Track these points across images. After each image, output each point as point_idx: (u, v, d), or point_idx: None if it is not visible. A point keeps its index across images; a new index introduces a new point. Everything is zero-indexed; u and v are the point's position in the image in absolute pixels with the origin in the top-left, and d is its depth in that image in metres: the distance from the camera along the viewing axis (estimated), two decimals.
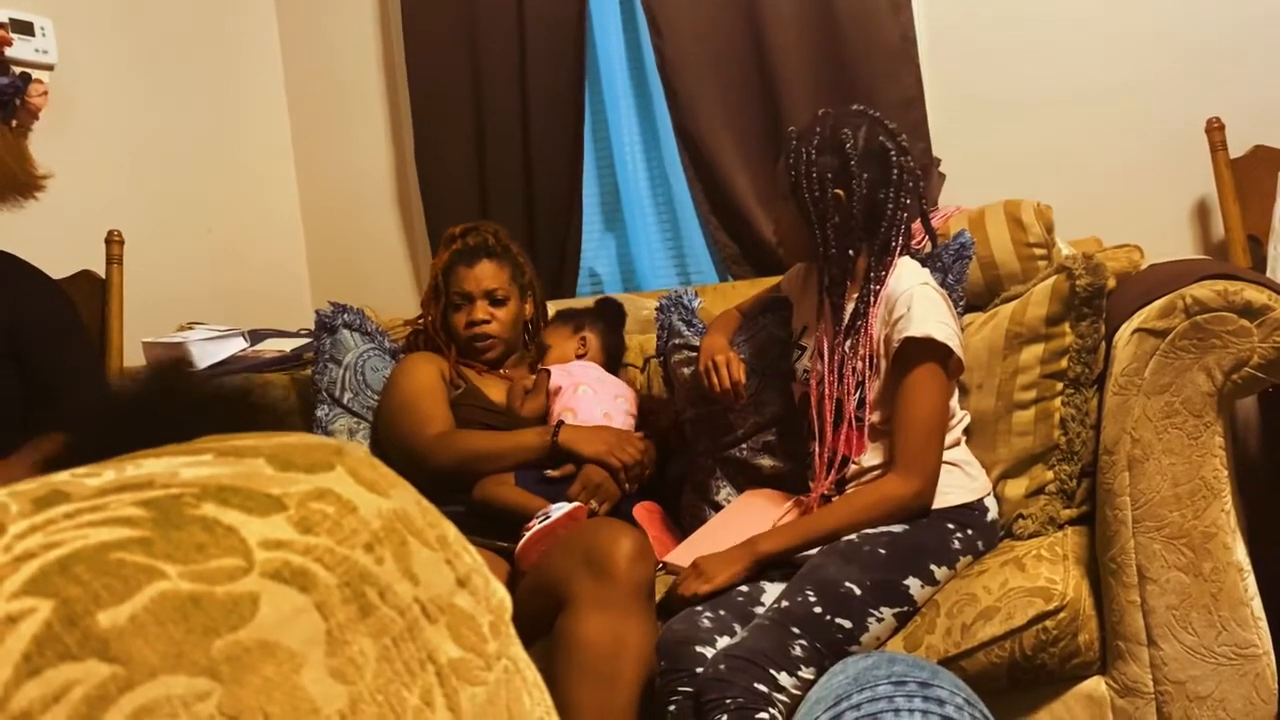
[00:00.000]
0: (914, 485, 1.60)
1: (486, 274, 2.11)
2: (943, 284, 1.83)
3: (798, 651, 1.43)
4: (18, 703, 0.28)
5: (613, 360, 2.24)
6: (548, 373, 2.11)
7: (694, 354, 2.04)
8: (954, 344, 1.62)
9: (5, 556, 0.30)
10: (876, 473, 1.67)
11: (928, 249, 1.90)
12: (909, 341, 1.61)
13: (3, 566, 0.30)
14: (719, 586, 1.59)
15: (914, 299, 1.63)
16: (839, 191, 1.67)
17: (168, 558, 0.33)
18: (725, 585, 1.60)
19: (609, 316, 2.28)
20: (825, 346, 1.75)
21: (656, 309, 2.17)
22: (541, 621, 1.57)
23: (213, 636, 0.33)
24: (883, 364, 1.67)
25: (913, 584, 1.55)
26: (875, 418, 1.68)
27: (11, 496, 0.34)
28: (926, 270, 1.73)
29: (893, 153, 1.68)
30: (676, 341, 2.08)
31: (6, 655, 0.28)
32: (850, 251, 1.70)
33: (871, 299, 1.68)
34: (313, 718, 0.34)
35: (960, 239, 1.94)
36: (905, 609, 1.55)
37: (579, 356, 2.18)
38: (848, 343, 1.70)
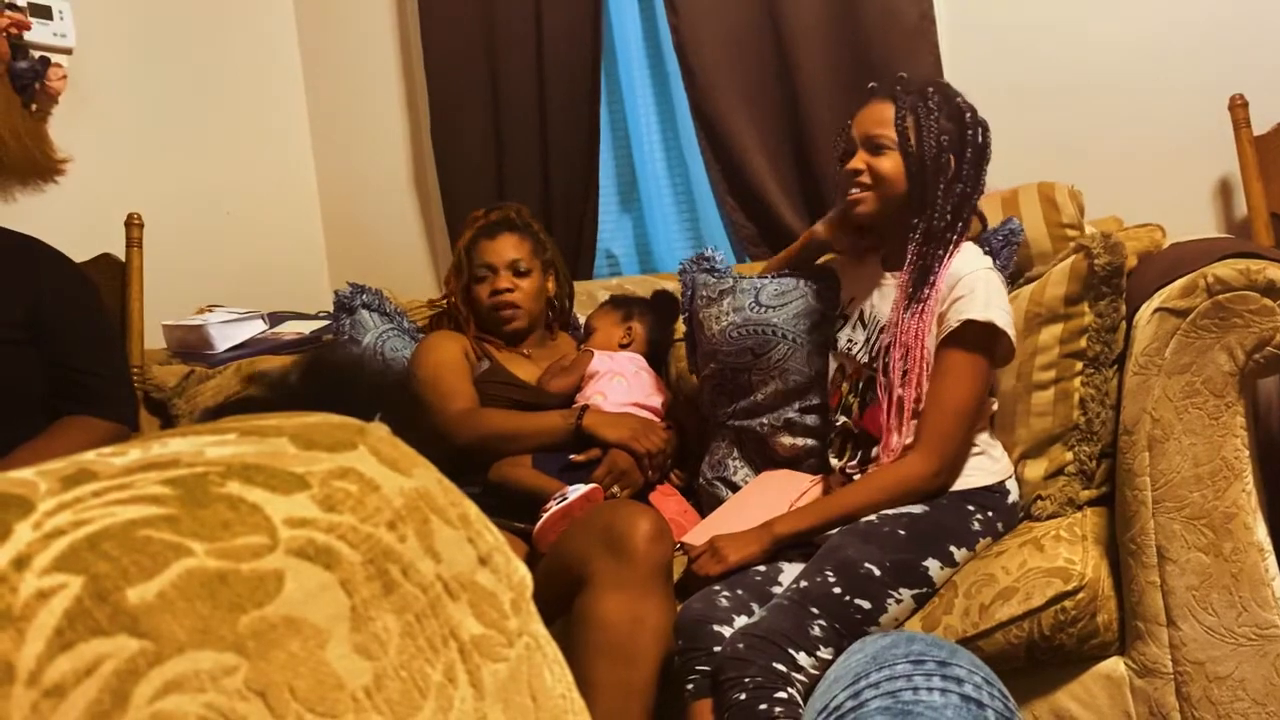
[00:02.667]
0: (933, 466, 1.60)
1: (509, 245, 2.14)
2: None
3: (816, 631, 1.43)
4: (50, 676, 0.29)
5: (655, 355, 2.23)
6: (590, 354, 2.11)
7: (722, 308, 2.02)
8: (1012, 332, 1.62)
9: (36, 533, 0.31)
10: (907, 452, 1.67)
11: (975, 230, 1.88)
12: (969, 325, 1.60)
13: (33, 543, 0.31)
14: (732, 566, 1.60)
15: (978, 282, 1.62)
16: (952, 157, 1.67)
17: (194, 535, 0.34)
18: (739, 565, 1.60)
19: (662, 310, 2.26)
20: (901, 312, 1.70)
21: (679, 273, 2.16)
22: (560, 601, 1.58)
23: (239, 612, 0.33)
24: (929, 341, 1.66)
25: (932, 565, 1.55)
26: (913, 396, 1.67)
27: (40, 475, 0.34)
28: (985, 257, 1.72)
29: (986, 132, 1.70)
30: (704, 293, 2.06)
31: (39, 630, 0.29)
32: (949, 218, 1.67)
33: (938, 265, 1.66)
34: (338, 693, 0.35)
35: (1009, 225, 1.92)
36: (924, 590, 1.55)
37: (623, 346, 2.17)
38: (922, 310, 1.67)
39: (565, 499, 1.78)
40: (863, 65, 2.41)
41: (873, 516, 1.59)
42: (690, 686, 1.46)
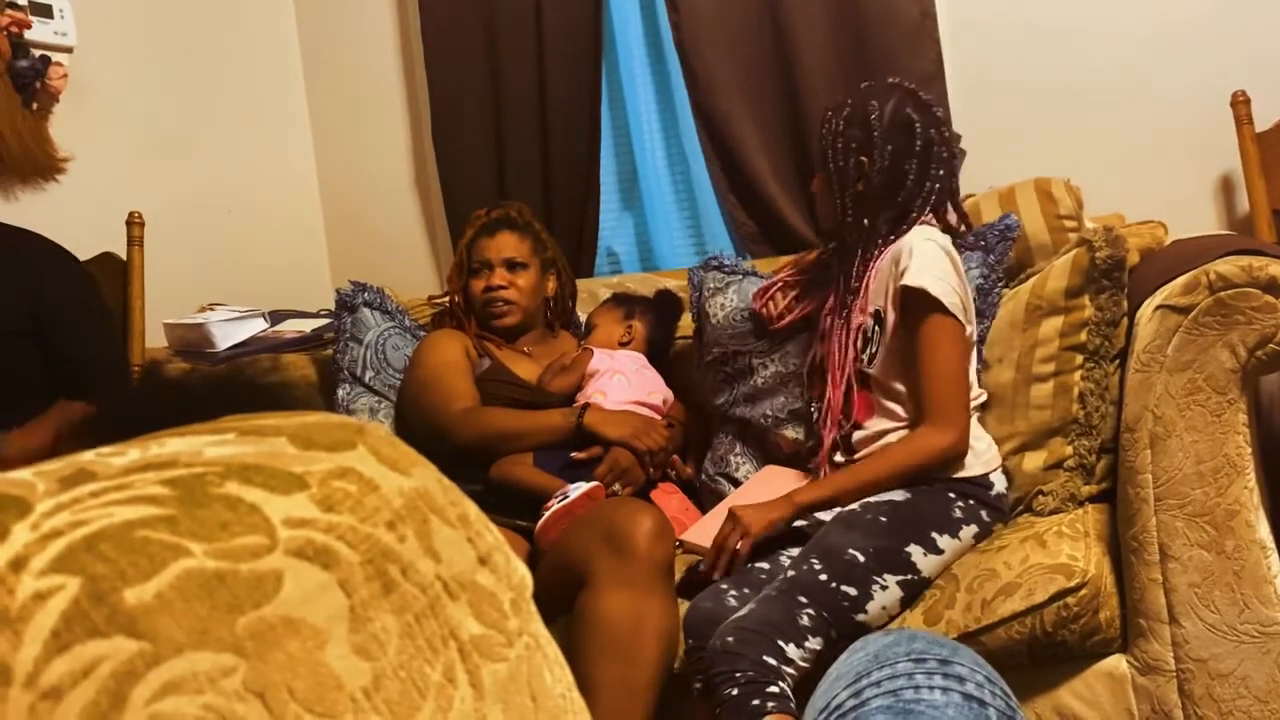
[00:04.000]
0: (949, 435, 1.61)
1: (507, 243, 2.15)
2: (984, 263, 1.83)
3: (805, 621, 1.44)
4: (48, 678, 0.29)
5: (655, 354, 2.22)
6: (590, 352, 2.11)
7: (728, 296, 2.05)
8: (949, 300, 1.62)
9: (33, 534, 0.31)
10: (889, 436, 1.67)
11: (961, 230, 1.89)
12: (906, 291, 1.63)
13: (31, 544, 0.30)
14: (756, 537, 1.61)
15: (914, 249, 1.65)
16: (864, 159, 1.70)
17: (192, 535, 0.34)
18: (763, 533, 1.61)
19: (663, 310, 2.26)
20: (836, 305, 1.79)
21: (689, 273, 2.18)
22: (562, 600, 1.58)
23: (237, 613, 0.33)
24: (890, 316, 1.67)
25: (915, 551, 1.56)
26: (883, 375, 1.69)
27: (39, 475, 0.34)
28: (940, 234, 1.73)
29: (917, 125, 1.70)
30: (711, 285, 2.09)
31: (36, 631, 0.29)
32: (865, 220, 1.72)
33: (873, 257, 1.72)
34: (337, 693, 0.34)
35: (1005, 220, 1.93)
36: (909, 577, 1.55)
37: (623, 344, 2.17)
38: (854, 302, 1.73)
39: (567, 497, 1.78)
40: (864, 63, 2.41)
41: (856, 505, 1.61)
42: (699, 685, 1.47)
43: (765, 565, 1.63)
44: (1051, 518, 1.65)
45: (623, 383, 2.07)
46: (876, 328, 1.70)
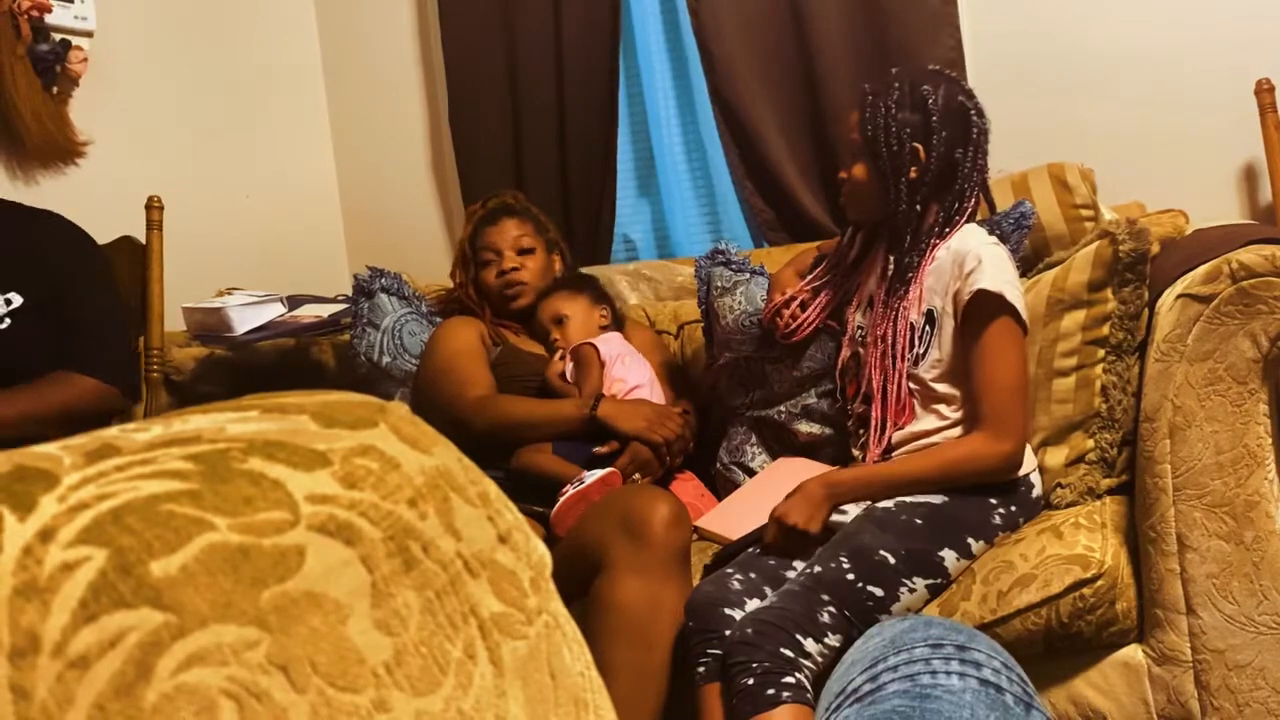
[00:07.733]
0: (1005, 446, 1.58)
1: (510, 227, 2.18)
2: None
3: (825, 618, 1.43)
4: (75, 647, 0.29)
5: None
6: (592, 347, 2.03)
7: (735, 298, 2.01)
8: (1021, 307, 1.60)
9: (61, 506, 0.31)
10: (933, 438, 1.66)
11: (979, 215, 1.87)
12: (982, 295, 1.58)
13: (58, 516, 0.31)
14: (815, 529, 1.57)
15: (985, 255, 1.61)
16: (918, 146, 1.66)
17: (216, 510, 0.34)
18: (807, 529, 1.57)
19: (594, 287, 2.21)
20: (880, 302, 1.74)
21: (696, 265, 2.15)
22: (577, 584, 1.58)
23: (261, 587, 0.33)
24: (948, 323, 1.65)
25: (948, 556, 1.54)
26: (932, 376, 1.66)
27: (65, 450, 0.34)
28: (994, 237, 1.72)
29: (972, 113, 1.68)
30: (719, 284, 2.05)
31: (64, 601, 0.29)
32: (919, 207, 1.68)
33: (927, 250, 1.67)
34: (359, 668, 0.35)
35: (1020, 208, 1.91)
36: (938, 580, 1.54)
37: (603, 328, 2.13)
38: (901, 301, 1.69)
39: (583, 482, 1.78)
40: (884, 48, 2.40)
41: (890, 504, 1.58)
42: (701, 670, 1.46)
43: None
44: (1069, 509, 1.64)
45: (633, 364, 2.05)
46: (927, 327, 1.67)
